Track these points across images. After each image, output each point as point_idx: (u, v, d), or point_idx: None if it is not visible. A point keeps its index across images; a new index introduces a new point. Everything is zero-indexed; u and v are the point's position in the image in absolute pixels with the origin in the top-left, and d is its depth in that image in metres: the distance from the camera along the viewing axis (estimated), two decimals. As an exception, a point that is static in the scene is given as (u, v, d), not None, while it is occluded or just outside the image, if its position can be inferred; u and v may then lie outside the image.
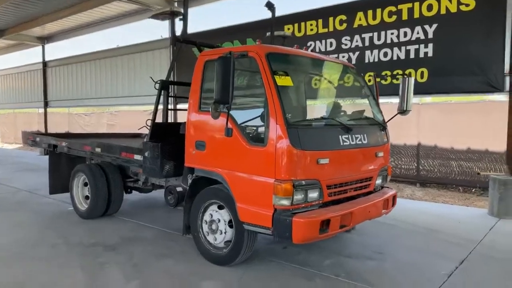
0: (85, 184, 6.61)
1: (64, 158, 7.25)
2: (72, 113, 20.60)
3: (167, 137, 5.39)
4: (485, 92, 7.44)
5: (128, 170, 6.61)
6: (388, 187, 5.26)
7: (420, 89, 7.40)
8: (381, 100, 5.64)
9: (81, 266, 4.55)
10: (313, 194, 4.02)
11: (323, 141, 4.19)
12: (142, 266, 4.55)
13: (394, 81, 7.95)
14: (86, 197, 6.60)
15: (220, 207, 4.53)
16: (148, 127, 5.43)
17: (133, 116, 18.44)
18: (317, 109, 4.75)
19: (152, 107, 5.58)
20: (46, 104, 20.10)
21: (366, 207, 4.42)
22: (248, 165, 4.12)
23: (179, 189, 5.13)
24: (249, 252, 4.45)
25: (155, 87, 5.47)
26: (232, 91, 3.81)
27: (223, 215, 4.46)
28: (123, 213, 6.77)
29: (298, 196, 3.90)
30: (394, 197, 5.03)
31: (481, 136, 8.82)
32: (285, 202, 3.84)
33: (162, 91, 5.54)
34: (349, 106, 5.12)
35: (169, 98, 5.80)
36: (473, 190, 9.16)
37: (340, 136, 4.30)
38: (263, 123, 4.02)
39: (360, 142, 4.54)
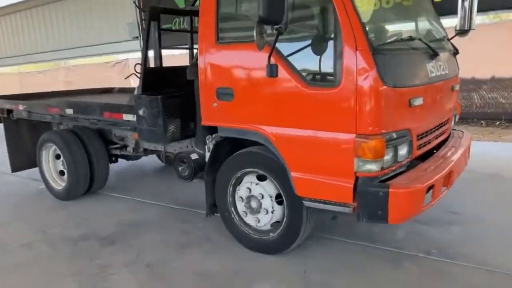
0: (57, 157, 5.15)
1: (25, 125, 5.65)
2: (23, 72, 18.22)
3: (164, 88, 4.00)
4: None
5: (110, 134, 5.18)
6: (455, 130, 4.15)
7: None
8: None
9: (73, 276, 3.25)
10: (403, 151, 2.83)
11: (413, 73, 2.94)
12: (159, 267, 3.31)
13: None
14: (61, 173, 5.17)
15: (260, 178, 3.28)
16: (138, 75, 3.97)
17: (93, 70, 16.48)
18: (388, 28, 3.44)
19: (113, 58, 4.08)
20: (-10, 63, 17.50)
21: (459, 161, 3.29)
22: (308, 116, 2.82)
23: (194, 156, 3.80)
24: (307, 234, 3.28)
25: (142, 18, 3.93)
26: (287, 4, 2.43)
27: (268, 189, 3.22)
28: (110, 188, 5.38)
29: (388, 156, 2.69)
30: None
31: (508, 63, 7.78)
32: (374, 167, 2.62)
33: (151, 24, 4.00)
34: (413, 26, 3.80)
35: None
36: (497, 123, 8.30)
37: (427, 65, 3.05)
38: (330, 52, 2.68)
39: (444, 73, 3.33)
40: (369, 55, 2.52)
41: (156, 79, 4.02)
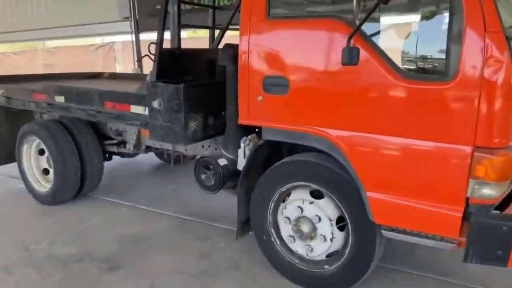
0: (41, 152, 4.31)
1: (1, 113, 4.75)
2: (-5, 53, 16.83)
3: (181, 74, 3.24)
4: None
5: (105, 127, 4.37)
6: None
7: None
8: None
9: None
10: (516, 170, 2.17)
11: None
12: (183, 306, 2.58)
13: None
14: (45, 172, 4.33)
15: (315, 194, 2.57)
16: (152, 57, 3.17)
17: (75, 53, 15.32)
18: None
19: (98, 41, 3.28)
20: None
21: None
22: (401, 119, 2.12)
23: (222, 161, 3.05)
24: (373, 268, 2.60)
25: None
26: None
27: (326, 209, 2.51)
28: (104, 190, 4.55)
29: (507, 178, 2.03)
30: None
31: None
32: (494, 192, 1.95)
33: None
34: None
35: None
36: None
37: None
38: (441, 34, 1.98)
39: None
40: (503, 40, 1.83)
41: (173, 63, 3.25)
